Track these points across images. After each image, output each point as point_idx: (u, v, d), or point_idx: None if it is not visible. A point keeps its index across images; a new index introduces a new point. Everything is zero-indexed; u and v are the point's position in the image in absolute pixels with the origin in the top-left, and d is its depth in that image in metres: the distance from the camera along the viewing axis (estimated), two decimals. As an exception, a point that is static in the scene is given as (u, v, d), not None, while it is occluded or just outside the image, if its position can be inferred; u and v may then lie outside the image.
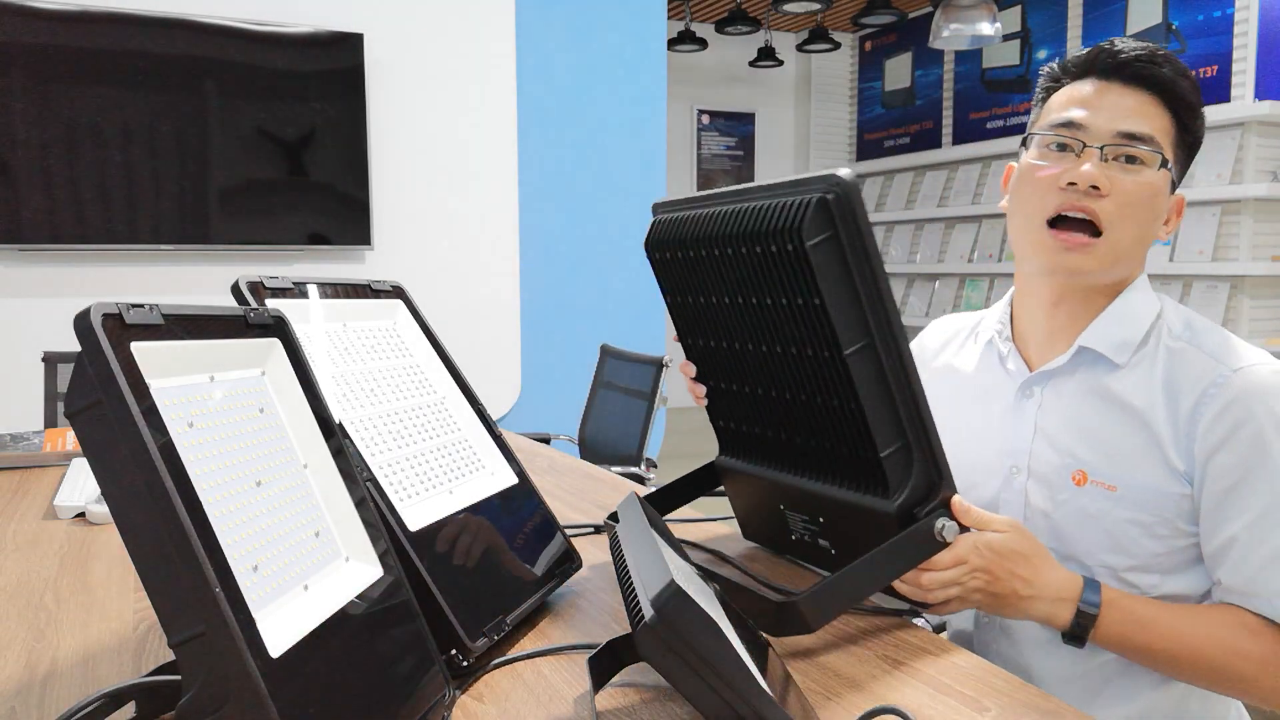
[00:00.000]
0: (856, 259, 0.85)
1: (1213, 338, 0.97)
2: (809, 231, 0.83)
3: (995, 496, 1.07)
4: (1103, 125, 0.98)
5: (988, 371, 1.12)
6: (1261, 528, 0.90)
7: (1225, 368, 0.93)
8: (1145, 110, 0.98)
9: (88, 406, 0.54)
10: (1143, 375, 0.98)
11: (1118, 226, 0.97)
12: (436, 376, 1.05)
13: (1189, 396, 0.94)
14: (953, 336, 1.21)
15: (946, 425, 1.15)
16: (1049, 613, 0.91)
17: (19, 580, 1.09)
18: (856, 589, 0.88)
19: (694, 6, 6.60)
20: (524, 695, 0.78)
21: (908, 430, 0.88)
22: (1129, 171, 0.97)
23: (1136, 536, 0.96)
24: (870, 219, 4.49)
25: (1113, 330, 1.00)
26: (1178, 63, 1.00)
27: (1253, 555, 0.91)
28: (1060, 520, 1.01)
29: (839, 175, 0.84)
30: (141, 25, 3.05)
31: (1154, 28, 5.03)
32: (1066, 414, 1.02)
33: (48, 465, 1.73)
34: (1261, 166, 4.47)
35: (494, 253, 3.71)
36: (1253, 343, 0.98)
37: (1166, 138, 0.98)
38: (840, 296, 0.85)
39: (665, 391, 2.66)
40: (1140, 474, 0.96)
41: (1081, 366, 1.02)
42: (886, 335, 0.86)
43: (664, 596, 0.62)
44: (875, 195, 7.00)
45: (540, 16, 3.73)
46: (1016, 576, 0.90)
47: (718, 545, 1.18)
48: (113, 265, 3.16)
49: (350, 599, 0.67)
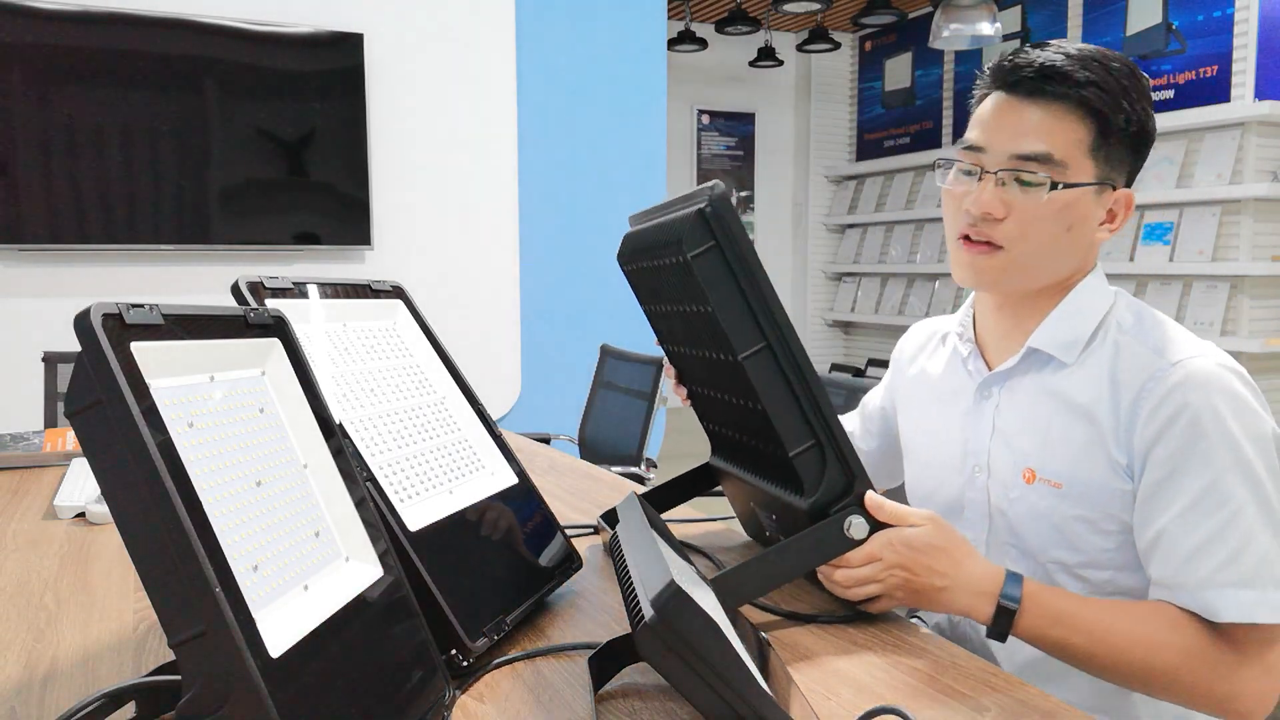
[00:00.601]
0: (740, 267, 0.89)
1: (1157, 332, 0.97)
2: (689, 243, 0.89)
3: (960, 495, 1.09)
4: (999, 148, 0.98)
5: (953, 373, 1.13)
6: (1190, 519, 0.89)
7: (1165, 361, 0.93)
8: (1046, 125, 0.96)
9: (88, 406, 0.54)
10: (1090, 371, 0.98)
11: (1018, 244, 0.98)
12: (436, 376, 1.05)
13: (1130, 390, 0.94)
14: (926, 341, 1.23)
15: (918, 427, 1.18)
16: (968, 605, 0.90)
17: (19, 580, 1.09)
18: (765, 578, 0.91)
19: (694, 6, 6.59)
20: (524, 695, 0.78)
21: (816, 430, 0.90)
22: (1026, 192, 0.97)
23: (1083, 533, 0.97)
24: (870, 219, 4.47)
25: (1060, 330, 1.01)
26: (1089, 65, 0.95)
27: (1179, 546, 0.89)
28: (1014, 518, 1.02)
29: (713, 188, 0.89)
30: (141, 25, 3.05)
31: (1154, 28, 5.02)
32: (1020, 414, 1.03)
33: (48, 465, 1.73)
34: (1261, 166, 4.47)
35: (494, 253, 3.70)
36: (1252, 342, 0.98)
37: (1079, 147, 0.96)
38: (729, 303, 0.89)
39: (665, 391, 2.66)
40: (1083, 470, 0.96)
41: (1033, 367, 1.03)
42: (780, 339, 0.89)
43: (664, 596, 0.62)
44: (875, 195, 7.00)
45: (540, 16, 3.73)
46: (934, 571, 0.90)
47: (712, 542, 1.18)
48: (113, 265, 3.16)
49: (350, 599, 0.67)
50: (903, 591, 0.91)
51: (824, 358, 7.51)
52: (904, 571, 0.90)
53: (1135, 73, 0.98)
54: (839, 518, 0.91)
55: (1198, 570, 0.88)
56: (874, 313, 6.94)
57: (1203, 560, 0.88)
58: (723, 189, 0.90)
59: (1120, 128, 0.96)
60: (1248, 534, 0.87)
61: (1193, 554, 0.88)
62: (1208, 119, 4.57)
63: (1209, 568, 0.87)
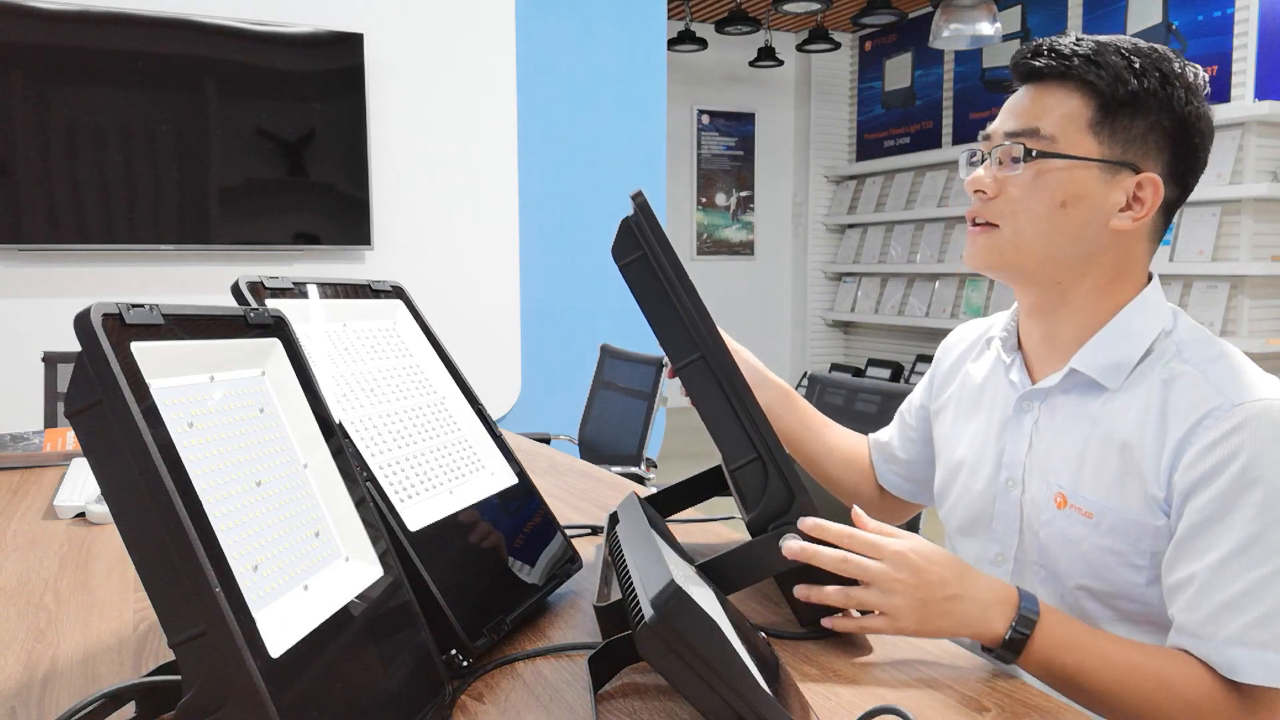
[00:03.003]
0: (666, 276, 0.88)
1: (1221, 364, 0.90)
2: (618, 252, 0.89)
3: (990, 505, 1.05)
4: (997, 129, 0.99)
5: (995, 380, 1.09)
6: (1229, 568, 0.82)
7: (1227, 400, 0.86)
8: (1037, 101, 0.97)
9: (88, 406, 0.54)
10: (1136, 398, 0.92)
11: (1009, 220, 0.97)
12: (436, 376, 1.05)
13: (1182, 425, 0.87)
14: (973, 343, 1.19)
15: (954, 429, 1.14)
16: (981, 617, 0.83)
17: (19, 580, 1.09)
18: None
19: (694, 6, 6.59)
20: (524, 695, 0.78)
21: (756, 445, 0.88)
22: (1011, 168, 0.97)
23: (1114, 565, 0.92)
24: (870, 219, 4.45)
25: (1106, 352, 0.96)
26: (1091, 46, 0.95)
27: (1212, 596, 0.83)
28: (1045, 539, 0.98)
29: (636, 196, 0.88)
30: (141, 25, 3.05)
31: (1154, 27, 5.03)
32: (1057, 435, 0.99)
33: (48, 465, 1.73)
34: (1261, 166, 4.47)
35: (494, 253, 3.70)
36: (1252, 342, 0.96)
37: (1073, 122, 0.94)
38: (663, 313, 0.89)
39: (665, 391, 2.66)
40: (1115, 502, 0.91)
41: (1075, 388, 0.98)
42: (713, 350, 0.88)
43: (664, 596, 0.62)
44: (875, 195, 7.00)
45: (540, 16, 3.73)
46: (944, 581, 0.84)
47: (713, 542, 1.18)
48: (113, 265, 3.16)
49: (350, 599, 0.67)
50: (908, 605, 0.83)
51: (824, 358, 7.51)
52: (914, 580, 0.83)
53: (1164, 56, 0.94)
54: (775, 534, 0.88)
55: (1228, 625, 0.81)
56: (874, 313, 6.94)
57: (1235, 615, 0.81)
58: (643, 196, 0.89)
59: (1127, 104, 0.93)
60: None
61: (1225, 606, 0.82)
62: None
63: (1240, 624, 0.81)
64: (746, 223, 7.52)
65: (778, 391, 1.21)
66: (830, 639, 0.90)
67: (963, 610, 0.84)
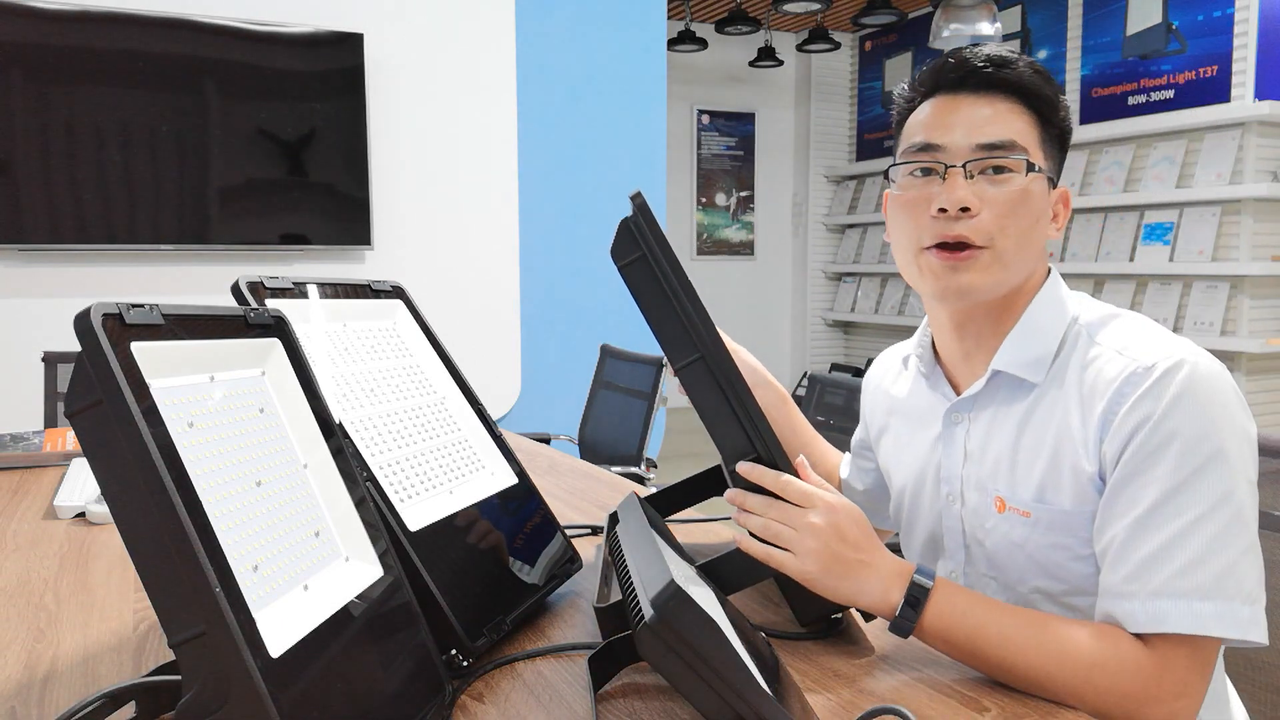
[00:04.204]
0: (665, 277, 0.88)
1: (1128, 333, 0.92)
2: (617, 253, 0.88)
3: (938, 525, 1.04)
4: (960, 141, 0.94)
5: (919, 397, 1.09)
6: (1151, 522, 0.82)
7: (1139, 364, 0.87)
8: (1001, 116, 0.94)
9: (88, 406, 0.54)
10: (1060, 386, 0.93)
11: (998, 239, 0.93)
12: (436, 376, 1.05)
13: (1102, 398, 0.88)
14: (889, 368, 1.19)
15: (893, 455, 1.14)
16: (881, 588, 0.84)
17: (19, 580, 1.09)
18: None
19: (694, 6, 6.59)
20: (524, 695, 0.78)
21: (756, 444, 0.89)
22: (997, 183, 0.93)
23: (1063, 560, 0.92)
24: (871, 219, 4.46)
25: (1023, 349, 0.95)
26: (1026, 59, 0.96)
27: (1134, 553, 0.83)
28: (991, 548, 0.98)
29: (635, 197, 0.88)
30: (141, 25, 3.05)
31: (1154, 28, 5.02)
32: (988, 439, 0.98)
33: (48, 465, 1.73)
34: (1261, 166, 4.47)
35: (494, 253, 3.70)
36: (1252, 342, 0.96)
37: (1030, 138, 0.94)
38: (662, 313, 0.89)
39: (665, 392, 2.66)
40: (1049, 496, 0.91)
41: (1001, 389, 0.98)
42: (713, 350, 0.88)
43: (664, 596, 0.62)
44: (875, 195, 7.00)
45: (540, 16, 3.73)
46: (860, 546, 0.85)
47: (713, 542, 1.18)
48: (113, 265, 3.16)
49: (350, 599, 0.67)
50: (818, 549, 0.84)
51: (824, 358, 7.51)
52: (833, 532, 0.84)
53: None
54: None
55: (1152, 579, 0.81)
56: (874, 313, 6.94)
57: (1158, 568, 0.81)
58: (641, 196, 0.88)
59: (1056, 123, 0.97)
60: (1213, 542, 0.80)
61: (1148, 560, 0.82)
62: (1208, 119, 4.57)
63: (1164, 576, 0.81)
64: (746, 223, 7.52)
65: (775, 394, 1.21)
66: (830, 639, 0.90)
67: (866, 576, 0.85)
